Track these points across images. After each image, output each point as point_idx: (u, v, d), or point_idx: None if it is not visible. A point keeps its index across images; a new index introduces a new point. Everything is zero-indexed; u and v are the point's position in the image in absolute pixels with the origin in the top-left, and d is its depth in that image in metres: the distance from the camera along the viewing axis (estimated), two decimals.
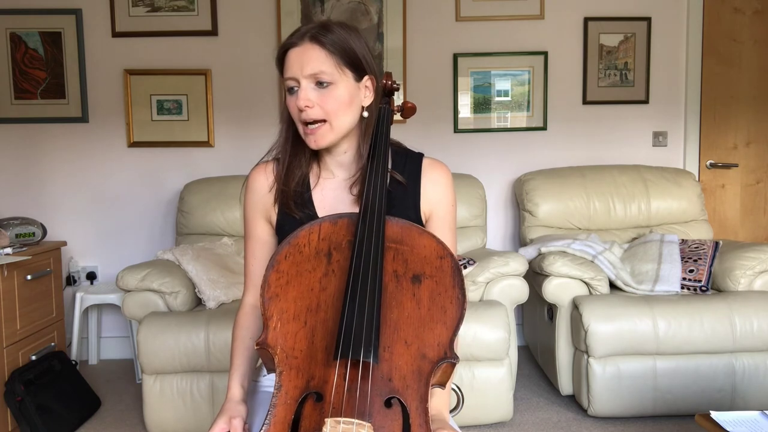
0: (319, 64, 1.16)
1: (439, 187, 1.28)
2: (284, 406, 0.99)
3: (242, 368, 1.21)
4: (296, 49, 1.17)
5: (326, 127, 1.18)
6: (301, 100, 1.16)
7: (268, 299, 1.06)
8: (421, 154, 1.31)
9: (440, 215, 1.28)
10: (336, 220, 1.14)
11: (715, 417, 1.47)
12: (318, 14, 3.36)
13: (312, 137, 1.19)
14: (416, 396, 0.99)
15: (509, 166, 3.52)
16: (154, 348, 2.36)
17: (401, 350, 1.02)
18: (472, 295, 2.57)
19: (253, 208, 1.30)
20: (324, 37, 1.16)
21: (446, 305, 1.06)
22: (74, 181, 3.42)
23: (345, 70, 1.18)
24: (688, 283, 2.68)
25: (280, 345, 1.03)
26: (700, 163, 3.57)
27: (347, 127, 1.21)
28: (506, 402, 2.47)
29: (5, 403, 2.43)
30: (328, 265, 1.09)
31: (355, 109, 1.21)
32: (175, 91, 3.38)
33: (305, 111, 1.16)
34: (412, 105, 1.42)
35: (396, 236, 1.12)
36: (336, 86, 1.17)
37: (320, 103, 1.17)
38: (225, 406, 1.14)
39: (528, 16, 3.44)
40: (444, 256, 1.10)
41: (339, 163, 1.27)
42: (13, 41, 3.31)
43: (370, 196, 1.14)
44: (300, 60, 1.16)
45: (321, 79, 1.16)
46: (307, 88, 1.17)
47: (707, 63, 3.52)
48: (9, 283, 2.48)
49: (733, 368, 2.47)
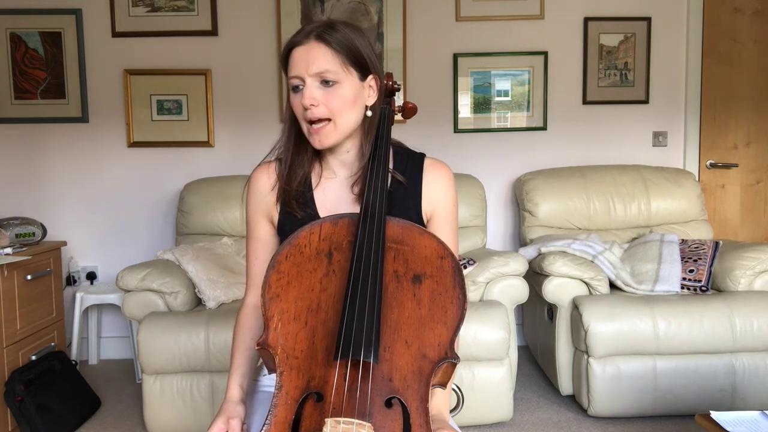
0: (324, 63, 1.15)
1: (441, 187, 1.27)
2: (285, 406, 0.99)
3: (242, 368, 1.21)
4: (301, 48, 1.17)
5: (330, 126, 1.18)
6: (307, 99, 1.16)
7: (268, 300, 1.07)
8: (423, 155, 1.30)
9: (442, 215, 1.28)
10: (337, 220, 1.14)
11: (715, 417, 1.47)
12: (318, 14, 3.36)
13: (316, 136, 1.18)
14: (417, 396, 0.99)
15: (509, 166, 3.52)
16: (154, 348, 2.36)
17: (402, 350, 1.02)
18: (472, 295, 2.57)
19: (256, 208, 1.30)
20: (330, 36, 1.16)
21: (447, 305, 1.06)
22: (74, 181, 3.42)
23: (350, 69, 1.18)
24: (688, 283, 2.68)
25: (280, 345, 1.03)
26: (700, 163, 3.57)
27: (351, 126, 1.21)
28: (506, 402, 2.47)
29: (5, 403, 2.43)
30: (328, 265, 1.09)
31: (359, 108, 1.21)
32: (175, 91, 3.38)
33: (310, 109, 1.16)
34: (413, 105, 1.42)
35: (397, 236, 1.12)
36: (341, 85, 1.17)
37: (325, 101, 1.16)
38: (223, 407, 1.14)
39: (528, 16, 3.44)
40: (445, 256, 1.10)
41: (341, 162, 1.27)
42: (13, 41, 3.31)
43: (371, 196, 1.14)
44: (305, 58, 1.16)
45: (326, 78, 1.16)
46: (312, 86, 1.16)
47: (707, 63, 3.52)
48: (9, 283, 2.48)
49: (733, 368, 2.47)
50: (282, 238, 1.28)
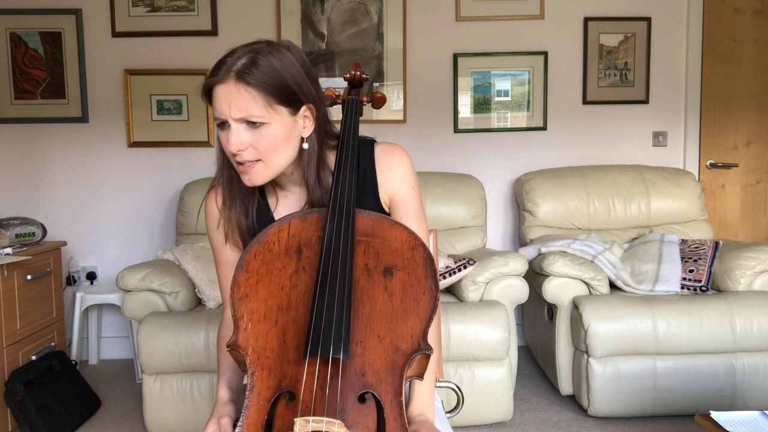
0: (247, 106, 1.06)
1: (396, 173, 1.22)
2: (257, 407, 0.98)
3: (228, 373, 1.22)
4: (222, 87, 1.08)
5: (261, 165, 1.11)
6: (233, 145, 1.08)
7: (238, 300, 1.05)
8: (373, 141, 1.25)
9: (402, 201, 1.23)
10: (305, 216, 1.13)
11: (715, 417, 1.47)
12: (318, 14, 3.36)
13: (247, 176, 1.12)
14: (390, 390, 0.99)
15: (509, 166, 3.52)
16: (154, 348, 2.36)
17: (374, 344, 1.01)
18: (472, 296, 2.57)
19: (217, 235, 1.26)
20: (250, 76, 1.06)
21: (419, 296, 1.05)
22: (74, 181, 3.42)
23: (277, 108, 1.09)
24: (688, 283, 2.68)
25: (251, 345, 1.02)
26: (700, 163, 3.57)
27: (284, 164, 1.14)
28: (506, 402, 2.47)
29: (5, 403, 2.43)
30: (298, 262, 1.08)
31: (293, 144, 1.14)
32: (175, 91, 3.38)
33: (239, 154, 1.10)
34: (382, 95, 1.42)
35: (367, 229, 1.11)
36: (269, 126, 1.09)
37: (253, 143, 1.09)
38: (214, 409, 1.15)
39: (528, 16, 3.44)
40: (416, 247, 1.09)
41: (291, 181, 1.23)
42: (13, 41, 3.31)
43: (339, 189, 1.12)
44: (227, 100, 1.07)
45: (251, 120, 1.08)
46: (238, 129, 1.08)
47: (707, 63, 3.52)
48: (9, 283, 2.48)
49: (733, 368, 2.47)
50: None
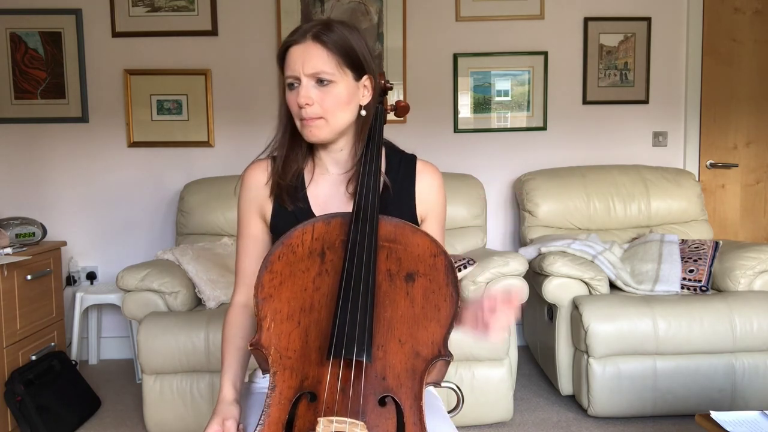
0: (320, 63, 1.17)
1: (434, 189, 1.31)
2: (278, 406, 0.99)
3: (233, 368, 1.20)
4: (298, 47, 1.18)
5: (323, 121, 1.20)
6: (302, 98, 1.18)
7: (261, 300, 1.07)
8: (414, 156, 1.33)
9: (434, 217, 1.31)
10: (329, 219, 1.15)
11: (715, 417, 1.47)
12: (318, 14, 3.36)
13: (309, 129, 1.21)
14: (410, 394, 1.00)
15: (509, 166, 3.52)
16: (154, 348, 2.36)
17: (395, 349, 1.02)
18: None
19: (248, 204, 1.32)
20: (326, 36, 1.17)
21: (440, 303, 1.06)
22: (74, 182, 3.42)
23: (345, 70, 1.19)
24: (688, 283, 2.68)
25: (273, 345, 1.03)
26: (700, 163, 3.57)
27: (343, 125, 1.23)
28: (506, 402, 2.47)
29: (5, 403, 2.43)
30: (321, 264, 1.09)
31: (353, 107, 1.23)
32: (175, 91, 3.38)
33: (305, 108, 1.18)
34: (405, 104, 1.43)
35: (389, 235, 1.13)
36: (336, 85, 1.18)
37: (319, 100, 1.18)
38: (217, 408, 1.13)
39: (528, 16, 3.44)
40: (437, 254, 1.11)
41: (335, 160, 1.29)
42: (13, 41, 3.31)
43: (363, 195, 1.15)
44: (302, 58, 1.18)
45: (322, 78, 1.18)
46: (307, 85, 1.18)
47: (707, 63, 3.52)
48: (9, 283, 2.48)
49: (733, 368, 2.47)
50: (274, 234, 1.29)
